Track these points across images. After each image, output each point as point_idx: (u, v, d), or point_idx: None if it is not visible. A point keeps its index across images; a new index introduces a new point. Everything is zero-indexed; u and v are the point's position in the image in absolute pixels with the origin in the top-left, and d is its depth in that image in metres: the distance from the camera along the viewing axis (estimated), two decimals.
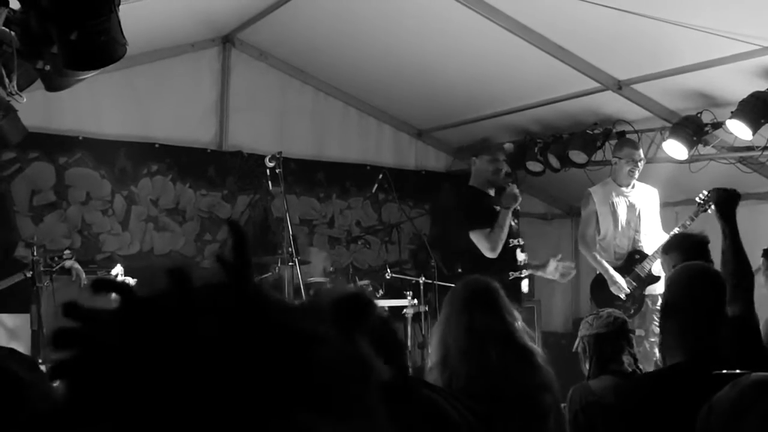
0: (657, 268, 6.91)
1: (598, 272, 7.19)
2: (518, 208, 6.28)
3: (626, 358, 4.20)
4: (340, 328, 0.74)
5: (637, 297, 6.86)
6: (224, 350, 0.66)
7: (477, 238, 5.99)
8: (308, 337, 0.70)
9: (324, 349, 0.70)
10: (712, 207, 6.38)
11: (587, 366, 4.24)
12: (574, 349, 4.38)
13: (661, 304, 3.45)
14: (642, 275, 6.89)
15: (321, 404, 0.67)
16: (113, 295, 0.70)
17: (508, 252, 6.07)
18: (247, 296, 0.71)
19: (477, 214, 6.10)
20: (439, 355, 3.57)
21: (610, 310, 4.45)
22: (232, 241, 0.75)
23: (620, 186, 7.20)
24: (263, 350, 0.67)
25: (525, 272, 6.16)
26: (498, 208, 6.07)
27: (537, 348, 3.88)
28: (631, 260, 6.99)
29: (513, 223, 6.12)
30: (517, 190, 6.07)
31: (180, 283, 0.70)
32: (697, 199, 6.60)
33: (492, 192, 6.22)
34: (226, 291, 0.72)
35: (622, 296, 6.81)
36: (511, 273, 6.03)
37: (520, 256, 6.13)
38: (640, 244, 7.07)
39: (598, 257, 7.12)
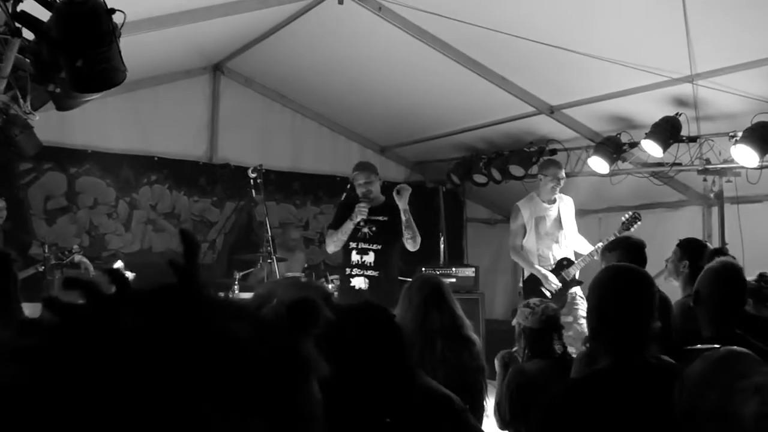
0: (577, 273, 6.94)
1: (527, 275, 7.15)
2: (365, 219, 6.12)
3: (557, 346, 4.20)
4: (289, 330, 0.72)
5: (561, 296, 6.85)
6: (149, 346, 0.64)
7: (327, 235, 6.25)
8: (232, 336, 0.67)
9: (247, 348, 0.68)
10: (635, 226, 6.46)
11: (522, 347, 4.23)
12: (513, 323, 4.37)
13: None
14: (567, 279, 6.89)
15: (236, 399, 0.64)
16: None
17: (347, 253, 6.17)
18: (189, 297, 0.70)
19: (335, 216, 6.29)
20: None
21: (544, 304, 4.35)
22: (183, 248, 0.73)
23: (543, 201, 7.16)
24: (185, 345, 0.64)
25: (357, 271, 6.12)
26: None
27: (475, 336, 3.91)
28: (560, 266, 6.97)
29: (366, 230, 6.10)
30: (363, 210, 6.03)
31: (121, 285, 0.70)
32: (622, 218, 6.62)
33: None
34: (172, 292, 0.70)
35: (551, 292, 6.81)
36: (347, 269, 6.15)
37: (355, 257, 6.14)
38: (561, 251, 7.04)
39: (531, 260, 7.09)
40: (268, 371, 0.68)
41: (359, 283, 6.12)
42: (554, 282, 6.84)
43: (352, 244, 6.13)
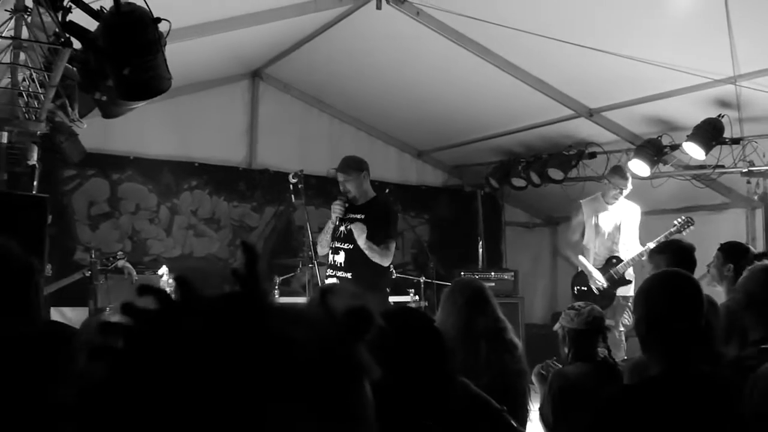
0: (630, 272, 6.93)
1: (578, 270, 7.20)
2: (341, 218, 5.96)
3: (601, 350, 4.16)
4: (346, 336, 0.76)
5: (609, 294, 6.87)
6: (214, 348, 0.69)
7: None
8: (292, 340, 0.72)
9: (305, 352, 0.72)
10: (686, 231, 6.45)
11: (566, 351, 4.20)
12: (554, 329, 4.32)
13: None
14: (616, 277, 6.90)
15: (294, 397, 0.69)
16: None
17: (328, 254, 6.03)
18: (251, 303, 0.75)
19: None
20: None
21: (590, 306, 4.33)
22: (244, 258, 0.78)
23: (606, 203, 7.19)
24: (247, 348, 0.70)
25: (331, 272, 5.91)
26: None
27: (517, 340, 3.91)
28: (609, 264, 6.99)
29: (342, 229, 5.92)
30: (337, 208, 5.92)
31: (188, 293, 0.75)
32: (675, 222, 6.60)
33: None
34: (236, 299, 0.75)
35: (595, 290, 6.86)
36: (328, 271, 5.96)
37: (330, 258, 5.97)
38: (617, 253, 7.06)
39: (581, 257, 7.14)
40: (325, 373, 0.72)
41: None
42: (599, 279, 6.89)
43: (332, 244, 6.01)
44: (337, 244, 5.98)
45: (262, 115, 8.95)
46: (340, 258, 5.96)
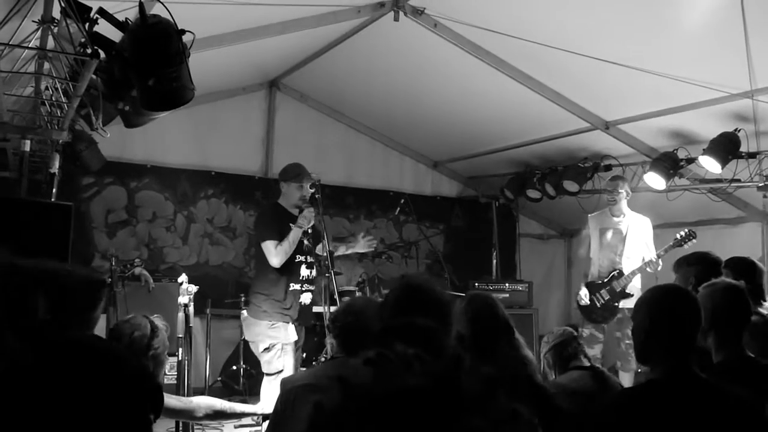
0: (631, 285, 6.93)
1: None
2: (315, 230, 5.88)
3: (582, 357, 4.24)
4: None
5: (611, 307, 6.91)
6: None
7: (265, 249, 5.64)
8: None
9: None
10: (689, 244, 6.47)
11: (554, 374, 4.23)
12: (540, 371, 4.35)
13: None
14: (617, 290, 6.91)
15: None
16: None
17: (294, 266, 5.74)
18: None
19: (272, 227, 5.72)
20: None
21: (558, 328, 4.47)
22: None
23: (613, 215, 7.21)
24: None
25: (306, 287, 5.76)
26: (292, 226, 5.68)
27: (530, 354, 3.91)
28: (612, 277, 7.01)
29: (306, 242, 5.80)
30: (312, 214, 5.73)
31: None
32: (677, 235, 6.60)
33: (296, 212, 5.83)
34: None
35: (582, 303, 6.95)
36: (291, 285, 5.70)
37: (304, 272, 5.79)
38: (620, 266, 7.06)
39: (585, 271, 7.23)
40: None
41: (306, 299, 5.85)
42: (583, 296, 6.96)
43: (299, 257, 5.80)
44: (310, 258, 5.88)
45: (279, 125, 9.02)
46: (314, 272, 5.91)
